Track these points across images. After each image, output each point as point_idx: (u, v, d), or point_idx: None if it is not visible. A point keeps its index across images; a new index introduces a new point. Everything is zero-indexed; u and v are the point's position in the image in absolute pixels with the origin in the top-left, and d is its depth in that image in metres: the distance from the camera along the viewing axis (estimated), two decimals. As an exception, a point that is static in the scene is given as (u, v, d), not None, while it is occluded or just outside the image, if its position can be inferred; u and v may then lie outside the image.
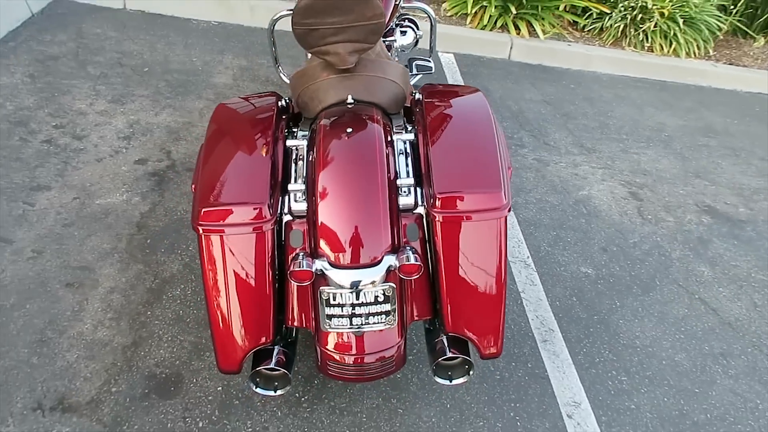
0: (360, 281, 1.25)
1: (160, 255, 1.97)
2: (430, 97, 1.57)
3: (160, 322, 1.74)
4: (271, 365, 1.32)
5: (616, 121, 3.44)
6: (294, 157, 1.45)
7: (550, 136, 3.17)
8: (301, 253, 1.29)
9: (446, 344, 1.37)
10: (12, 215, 2.02)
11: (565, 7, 4.12)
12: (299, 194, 1.35)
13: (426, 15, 2.40)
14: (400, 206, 1.36)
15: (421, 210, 1.38)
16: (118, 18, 3.52)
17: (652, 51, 4.17)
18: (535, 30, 4.03)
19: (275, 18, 2.33)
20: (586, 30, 4.24)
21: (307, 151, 1.43)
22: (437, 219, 1.29)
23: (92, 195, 2.17)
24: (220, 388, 1.59)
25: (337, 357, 1.32)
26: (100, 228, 2.04)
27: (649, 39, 4.13)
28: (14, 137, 2.38)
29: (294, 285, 1.35)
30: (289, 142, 1.42)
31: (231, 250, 1.29)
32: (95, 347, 1.63)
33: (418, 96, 1.61)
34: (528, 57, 4.00)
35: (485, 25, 4.01)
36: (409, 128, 1.56)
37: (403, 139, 1.44)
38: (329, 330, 1.31)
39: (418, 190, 1.38)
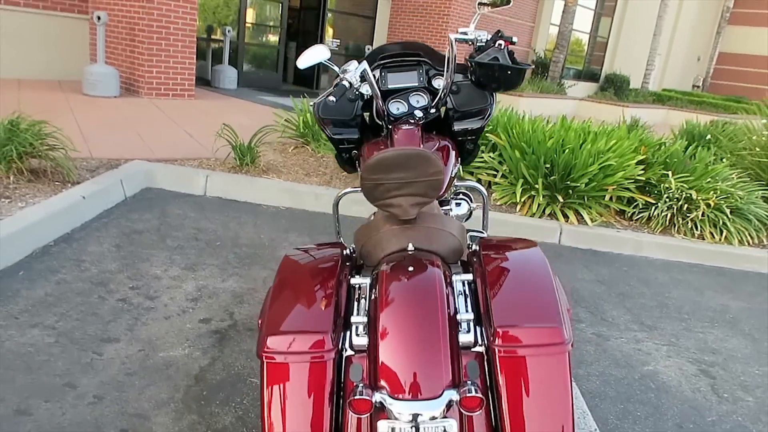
0: (420, 414, 1.22)
1: (215, 407, 1.95)
2: (487, 247, 1.65)
3: (208, 472, 1.67)
4: None
5: (675, 302, 3.38)
6: (357, 295, 1.50)
7: (607, 313, 3.12)
8: (361, 384, 1.28)
9: None
10: (80, 363, 2.09)
11: (611, 197, 4.33)
12: (361, 328, 1.38)
13: (479, 192, 2.59)
14: (460, 343, 1.36)
15: (480, 348, 1.37)
16: (198, 202, 3.92)
17: (703, 238, 4.22)
18: (583, 218, 4.20)
19: (340, 194, 2.56)
20: (633, 219, 4.39)
21: (370, 289, 1.49)
22: (498, 353, 1.28)
23: (156, 348, 2.24)
24: None
25: (393, 504, 1.22)
26: (160, 378, 2.06)
27: (699, 227, 4.22)
28: (94, 295, 2.55)
29: (350, 424, 1.32)
30: (353, 280, 1.50)
31: (293, 379, 1.29)
32: (140, 494, 1.56)
33: (475, 247, 1.70)
34: (578, 242, 4.12)
35: (534, 213, 4.22)
36: (466, 270, 1.61)
37: (461, 279, 1.49)
38: (386, 470, 1.24)
39: (478, 328, 1.39)
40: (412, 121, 2.28)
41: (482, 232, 2.49)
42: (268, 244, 3.40)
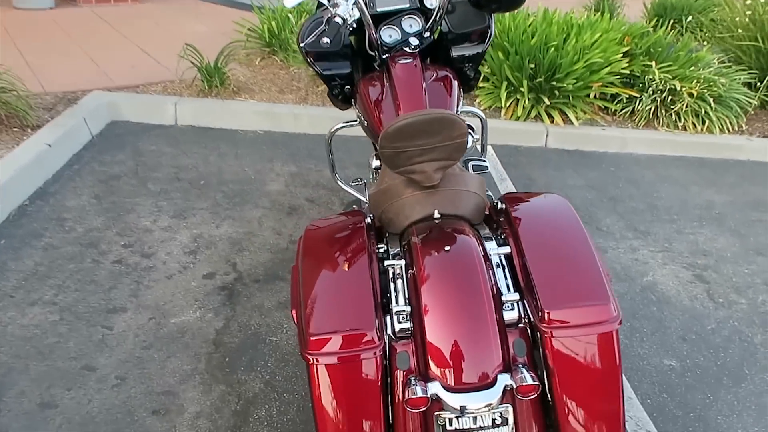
0: (477, 404, 1.22)
1: (240, 374, 1.95)
2: (513, 206, 1.59)
3: (250, 447, 1.70)
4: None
5: (664, 202, 3.44)
6: (391, 275, 1.45)
7: (601, 221, 3.17)
8: (413, 378, 1.27)
9: None
10: (92, 341, 2.03)
11: (596, 94, 4.24)
12: (402, 315, 1.34)
13: (477, 117, 2.48)
14: (505, 321, 1.35)
15: (522, 323, 1.36)
16: (170, 134, 3.69)
17: (686, 129, 4.23)
18: (568, 117, 4.13)
19: (333, 130, 2.43)
20: (617, 114, 4.34)
21: (405, 269, 1.43)
22: (547, 335, 1.27)
23: (166, 314, 2.19)
24: None
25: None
26: (178, 348, 2.04)
27: (682, 119, 4.21)
28: (87, 259, 2.44)
29: (401, 413, 1.32)
30: (387, 263, 1.43)
31: (342, 379, 1.27)
32: (189, 479, 1.59)
33: (500, 205, 1.64)
34: (564, 143, 4.08)
35: (519, 116, 4.12)
36: (498, 237, 1.56)
37: (498, 252, 1.44)
38: (447, 460, 1.26)
39: (520, 303, 1.37)
40: (408, 50, 2.12)
41: (483, 160, 2.42)
42: (254, 178, 3.26)
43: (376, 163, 2.26)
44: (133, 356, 1.98)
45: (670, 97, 4.19)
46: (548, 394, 1.30)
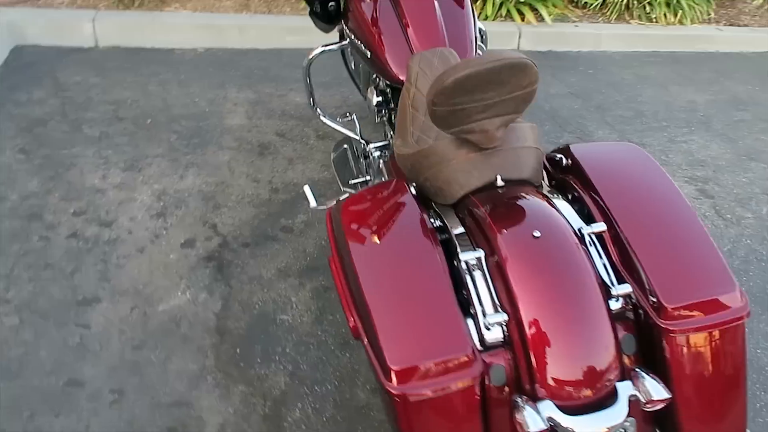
0: (602, 427, 1.04)
1: (258, 367, 1.69)
2: (586, 162, 1.34)
3: (293, 459, 1.48)
4: None
5: (649, 107, 3.29)
6: (466, 266, 1.19)
7: (594, 135, 2.99)
8: (520, 400, 1.06)
9: None
10: (69, 346, 1.69)
11: (567, -14, 3.92)
12: (497, 323, 1.11)
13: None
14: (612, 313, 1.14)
15: (629, 312, 1.16)
16: (94, 59, 3.09)
17: (657, 22, 4.03)
18: (539, 14, 3.81)
19: (310, 58, 2.07)
20: (587, 7, 4.05)
21: (486, 258, 1.17)
22: (668, 333, 1.08)
23: (151, 300, 1.85)
24: None
25: None
26: (177, 343, 1.73)
27: (655, 9, 3.98)
28: (33, 237, 2.02)
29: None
30: (464, 256, 1.17)
31: (437, 410, 1.04)
32: None
33: (565, 161, 1.38)
34: (538, 44, 3.79)
35: (488, 15, 3.76)
36: (572, 204, 1.32)
37: (593, 232, 1.21)
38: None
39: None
40: None
41: None
42: (209, 110, 2.80)
43: (377, 99, 1.92)
44: (125, 360, 1.67)
45: (642, -13, 3.93)
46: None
